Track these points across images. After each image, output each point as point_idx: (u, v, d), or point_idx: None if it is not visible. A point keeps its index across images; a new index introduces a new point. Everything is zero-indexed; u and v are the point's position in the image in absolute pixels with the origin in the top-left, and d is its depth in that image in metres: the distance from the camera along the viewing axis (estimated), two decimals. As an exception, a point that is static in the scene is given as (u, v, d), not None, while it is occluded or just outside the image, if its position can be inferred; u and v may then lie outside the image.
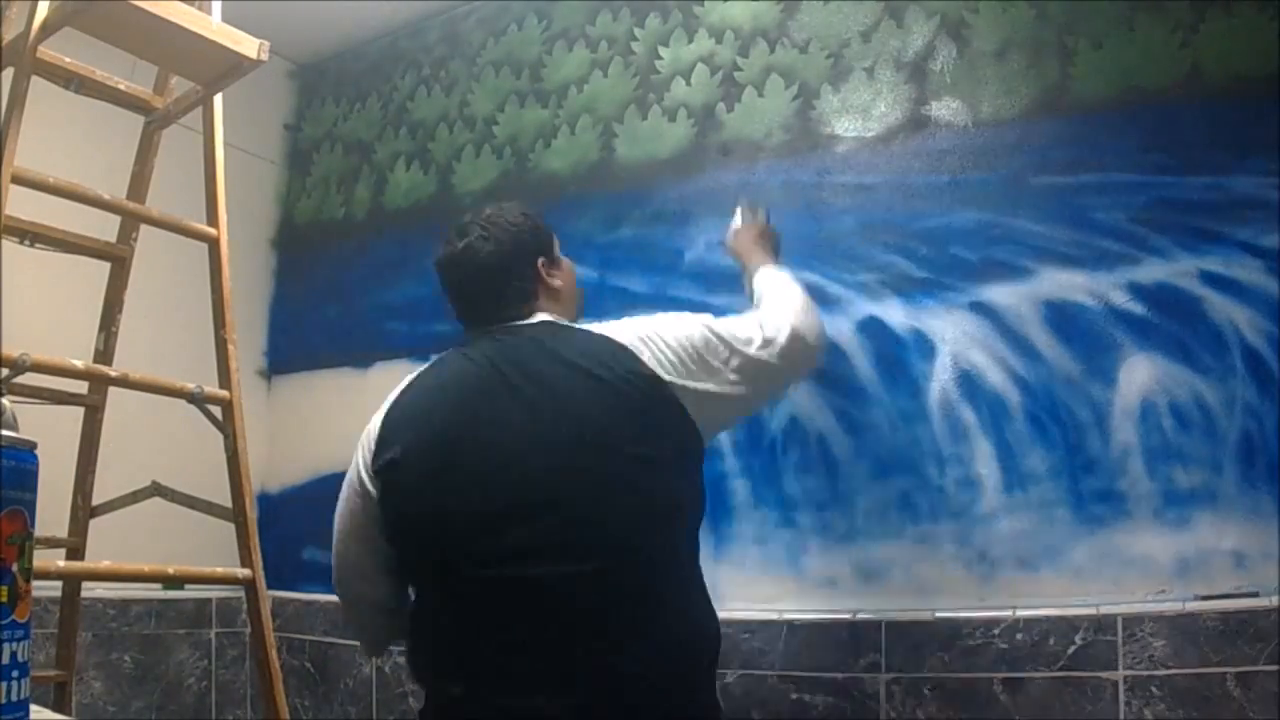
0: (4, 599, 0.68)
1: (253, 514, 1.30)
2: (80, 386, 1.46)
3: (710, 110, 2.02)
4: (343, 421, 2.21)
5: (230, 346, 1.32)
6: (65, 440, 1.44)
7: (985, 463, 1.64)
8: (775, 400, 1.75)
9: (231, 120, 1.41)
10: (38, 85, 1.22)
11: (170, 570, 1.84)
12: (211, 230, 1.33)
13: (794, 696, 1.70)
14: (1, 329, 1.09)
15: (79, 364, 1.22)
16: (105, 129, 1.66)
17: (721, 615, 1.23)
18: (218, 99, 1.37)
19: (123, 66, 1.39)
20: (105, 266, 1.47)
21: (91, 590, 1.92)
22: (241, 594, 1.75)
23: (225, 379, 1.32)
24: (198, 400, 1.25)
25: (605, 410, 1.15)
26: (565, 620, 1.10)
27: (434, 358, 1.37)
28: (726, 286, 1.92)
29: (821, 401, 1.79)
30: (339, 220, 2.56)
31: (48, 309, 1.73)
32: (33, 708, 0.76)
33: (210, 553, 2.29)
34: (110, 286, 1.48)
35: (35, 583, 0.74)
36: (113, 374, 1.29)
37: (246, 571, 1.28)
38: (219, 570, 1.31)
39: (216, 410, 1.32)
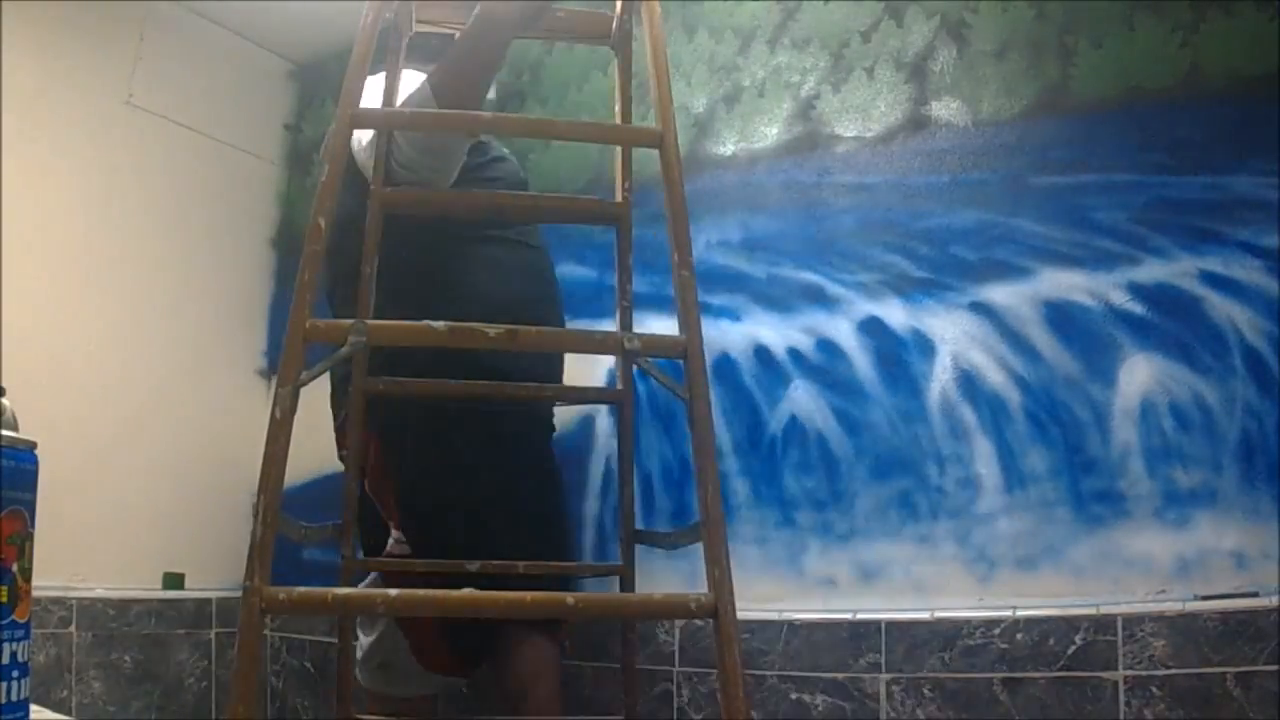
0: (4, 599, 0.68)
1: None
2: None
3: (711, 110, 2.02)
4: (343, 421, 2.20)
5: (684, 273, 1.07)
6: (65, 440, 1.44)
7: (985, 463, 1.64)
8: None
9: (231, 120, 1.41)
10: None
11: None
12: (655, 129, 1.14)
13: (794, 696, 1.70)
14: (2, 328, 1.09)
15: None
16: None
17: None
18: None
19: (123, 66, 1.39)
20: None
21: (91, 590, 1.92)
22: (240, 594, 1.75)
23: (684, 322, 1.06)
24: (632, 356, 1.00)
25: None
26: None
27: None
28: (727, 287, 1.92)
29: (821, 401, 1.79)
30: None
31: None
32: (33, 708, 0.76)
33: (210, 552, 2.30)
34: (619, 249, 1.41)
35: (35, 582, 0.74)
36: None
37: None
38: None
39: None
